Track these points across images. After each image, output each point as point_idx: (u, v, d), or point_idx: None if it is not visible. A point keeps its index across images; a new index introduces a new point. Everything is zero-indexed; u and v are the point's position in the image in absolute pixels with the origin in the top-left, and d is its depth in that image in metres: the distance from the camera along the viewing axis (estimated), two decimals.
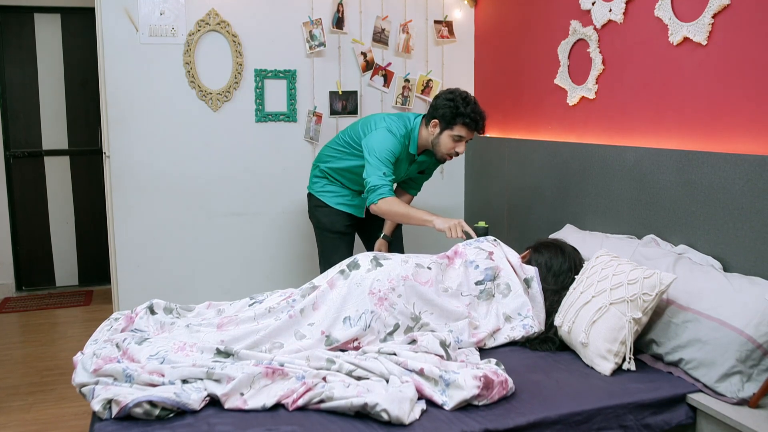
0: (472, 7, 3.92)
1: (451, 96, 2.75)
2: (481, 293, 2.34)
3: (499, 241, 2.50)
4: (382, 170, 2.75)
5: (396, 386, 1.78)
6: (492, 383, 1.81)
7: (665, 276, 2.06)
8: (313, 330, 2.12)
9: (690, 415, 1.93)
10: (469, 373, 1.83)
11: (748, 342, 1.88)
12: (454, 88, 2.82)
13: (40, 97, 4.78)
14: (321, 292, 2.22)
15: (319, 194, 3.08)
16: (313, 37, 3.61)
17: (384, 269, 2.25)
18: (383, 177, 2.74)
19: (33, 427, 2.80)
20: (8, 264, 4.82)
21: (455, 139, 2.77)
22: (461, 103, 2.72)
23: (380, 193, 2.73)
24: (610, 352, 2.06)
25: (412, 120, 2.89)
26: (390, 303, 2.19)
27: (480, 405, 1.80)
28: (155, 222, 3.52)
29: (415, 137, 2.87)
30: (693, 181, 2.34)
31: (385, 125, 2.84)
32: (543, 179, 3.23)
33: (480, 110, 2.76)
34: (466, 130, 2.75)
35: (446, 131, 2.76)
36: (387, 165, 2.77)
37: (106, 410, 1.71)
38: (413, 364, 1.88)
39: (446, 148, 2.80)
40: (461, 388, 1.79)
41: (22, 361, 3.57)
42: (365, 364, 1.91)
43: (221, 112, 3.57)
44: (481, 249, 2.42)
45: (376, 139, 2.80)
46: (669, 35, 2.47)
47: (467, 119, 2.71)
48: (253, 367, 1.86)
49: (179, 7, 3.42)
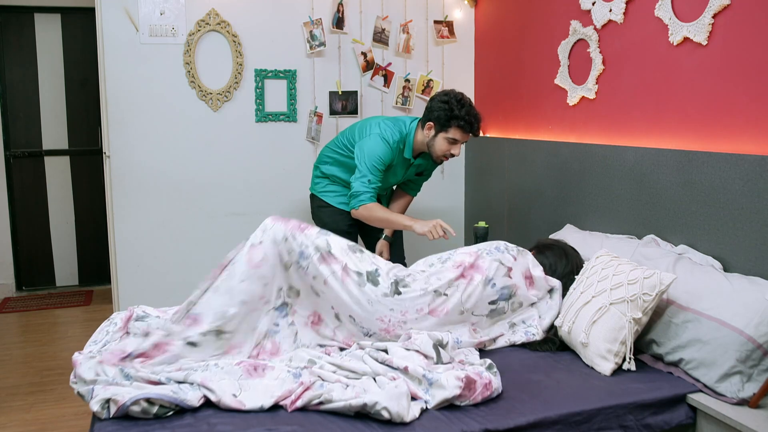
0: (472, 7, 3.92)
1: (446, 98, 2.74)
2: (492, 312, 2.29)
3: (524, 252, 2.41)
4: (368, 177, 2.79)
5: (390, 383, 1.78)
6: (474, 384, 1.82)
7: (665, 276, 2.06)
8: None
9: (690, 415, 1.93)
10: (451, 373, 1.84)
11: (748, 342, 1.88)
12: (449, 90, 2.81)
13: (40, 97, 4.78)
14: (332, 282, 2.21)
15: (321, 194, 3.09)
16: (313, 37, 3.61)
17: (401, 299, 2.18)
18: (367, 184, 2.78)
19: (33, 427, 2.80)
20: (8, 264, 4.82)
21: (450, 142, 2.77)
22: (456, 105, 2.71)
23: (361, 199, 2.78)
24: (610, 352, 2.06)
25: (408, 124, 2.90)
26: (394, 333, 2.18)
27: (462, 405, 1.81)
28: (155, 222, 3.52)
29: (410, 142, 2.88)
30: (693, 181, 2.34)
31: (378, 131, 2.84)
32: (543, 179, 3.23)
33: (475, 112, 2.75)
34: (460, 133, 2.75)
35: (441, 133, 2.76)
36: (373, 173, 2.79)
37: (104, 410, 1.71)
38: (398, 362, 1.89)
39: (441, 150, 2.80)
40: (443, 388, 1.80)
41: (22, 361, 3.57)
42: (348, 365, 1.92)
43: (221, 112, 3.57)
44: (502, 264, 2.31)
45: (367, 146, 2.82)
46: (669, 35, 2.47)
47: (462, 122, 2.71)
48: (234, 367, 1.87)
49: (179, 7, 3.42)
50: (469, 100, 2.78)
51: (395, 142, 2.84)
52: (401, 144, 2.87)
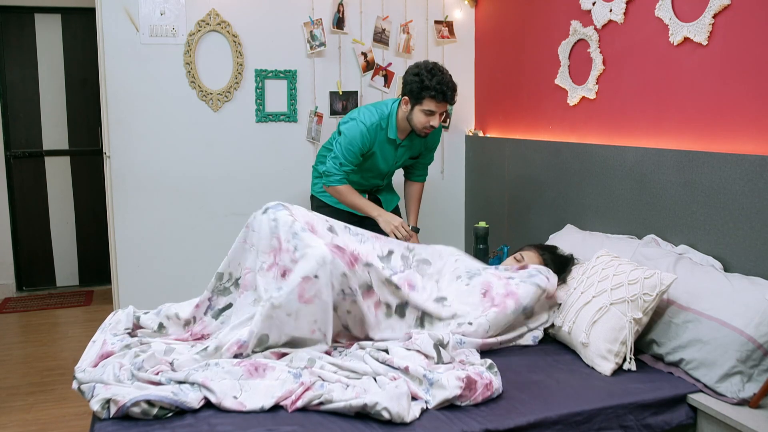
0: (472, 7, 3.92)
1: (416, 70, 2.71)
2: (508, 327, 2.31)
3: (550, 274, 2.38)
4: (340, 160, 2.83)
5: (391, 383, 1.78)
6: (475, 384, 1.82)
7: (666, 276, 2.06)
8: None
9: (690, 415, 1.93)
10: (452, 373, 1.84)
11: (748, 342, 1.88)
12: (422, 62, 2.77)
13: (41, 97, 4.78)
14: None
15: (319, 195, 3.10)
16: (313, 37, 3.61)
17: (421, 338, 2.03)
18: (338, 167, 2.84)
19: (33, 427, 2.80)
20: (9, 264, 4.82)
21: (427, 113, 2.73)
22: (426, 76, 2.67)
23: (330, 180, 2.86)
24: (611, 352, 2.06)
25: (390, 105, 2.88)
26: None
27: (463, 405, 1.81)
28: (155, 222, 3.52)
29: (393, 122, 2.86)
30: (693, 181, 2.34)
31: (356, 115, 2.86)
32: (543, 179, 3.23)
33: (447, 80, 2.69)
34: (434, 103, 2.70)
35: (417, 106, 2.74)
36: (346, 156, 2.82)
37: (104, 410, 1.71)
38: (399, 362, 1.89)
39: (420, 123, 2.76)
40: (444, 388, 1.80)
41: (23, 361, 3.57)
42: (348, 365, 1.92)
43: (221, 113, 3.57)
44: (539, 287, 2.30)
45: (344, 130, 2.85)
46: (669, 35, 2.47)
47: (433, 92, 2.66)
48: (234, 367, 1.86)
49: (179, 8, 3.42)
50: (442, 68, 2.72)
51: (373, 124, 2.83)
52: (383, 124, 2.85)
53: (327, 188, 2.91)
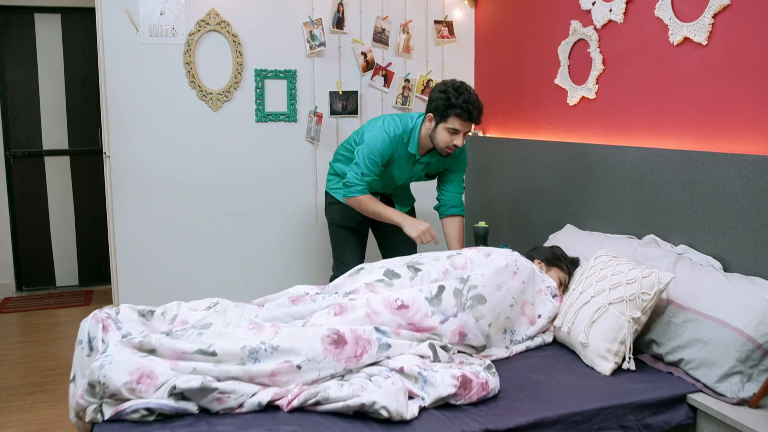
0: (472, 7, 3.92)
1: (444, 87, 2.69)
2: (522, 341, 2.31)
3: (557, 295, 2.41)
4: (362, 170, 2.79)
5: (386, 381, 1.78)
6: (470, 383, 1.82)
7: (663, 275, 2.06)
8: None
9: (690, 415, 1.93)
10: (447, 372, 1.85)
11: (748, 342, 1.88)
12: (449, 80, 2.75)
13: (41, 97, 4.77)
14: None
15: (333, 191, 3.09)
16: (313, 37, 3.61)
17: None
18: (360, 177, 2.79)
19: (33, 427, 2.80)
20: (8, 264, 4.82)
21: (451, 132, 2.70)
22: (453, 94, 2.65)
23: (351, 191, 2.81)
24: (610, 351, 2.06)
25: (414, 119, 2.86)
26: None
27: (459, 404, 1.81)
28: (155, 222, 3.52)
29: (415, 136, 2.83)
30: (693, 181, 2.34)
31: (381, 125, 2.83)
32: (543, 179, 3.23)
33: (474, 100, 2.67)
34: (459, 122, 2.67)
35: (441, 124, 2.71)
36: (369, 165, 2.79)
37: (98, 414, 1.71)
38: (393, 363, 1.90)
39: (443, 141, 2.74)
40: (438, 386, 1.80)
41: (23, 361, 3.57)
42: None
43: (221, 112, 3.57)
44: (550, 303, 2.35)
45: (367, 138, 2.81)
46: (669, 35, 2.47)
47: (459, 110, 2.64)
48: (252, 386, 1.80)
49: (179, 7, 3.42)
50: (469, 87, 2.70)
51: (396, 135, 2.81)
52: (405, 137, 2.83)
53: (347, 199, 2.85)
